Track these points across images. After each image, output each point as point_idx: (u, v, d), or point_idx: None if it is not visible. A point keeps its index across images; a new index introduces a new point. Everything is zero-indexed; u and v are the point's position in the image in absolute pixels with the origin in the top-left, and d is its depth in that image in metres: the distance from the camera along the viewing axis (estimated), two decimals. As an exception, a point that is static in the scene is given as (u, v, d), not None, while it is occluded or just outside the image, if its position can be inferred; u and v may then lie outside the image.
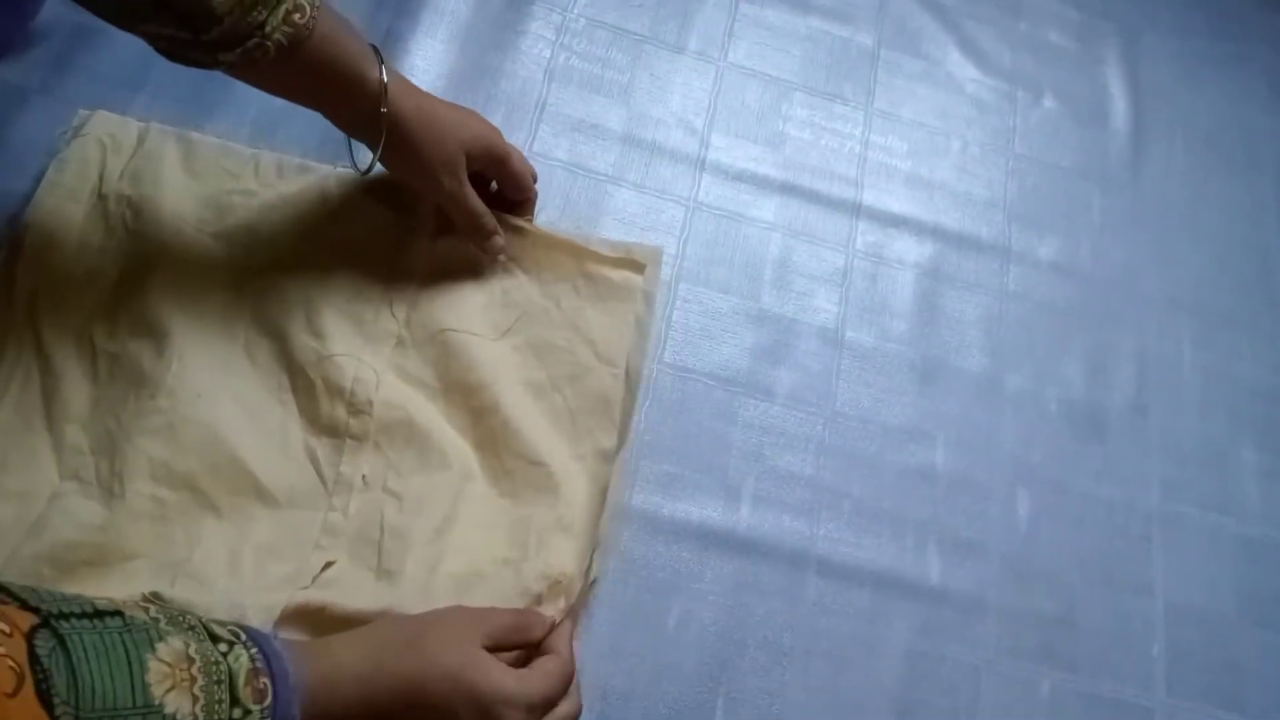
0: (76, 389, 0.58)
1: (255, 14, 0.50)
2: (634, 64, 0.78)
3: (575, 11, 0.79)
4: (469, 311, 0.65)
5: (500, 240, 0.66)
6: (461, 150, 0.62)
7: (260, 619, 0.51)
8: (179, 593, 0.51)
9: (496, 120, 0.73)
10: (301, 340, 0.62)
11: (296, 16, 0.52)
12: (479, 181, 0.65)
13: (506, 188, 0.68)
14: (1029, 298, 0.77)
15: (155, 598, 0.50)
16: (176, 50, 0.52)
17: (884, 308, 0.74)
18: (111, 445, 0.57)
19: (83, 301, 0.60)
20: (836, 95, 0.82)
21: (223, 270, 0.63)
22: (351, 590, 0.55)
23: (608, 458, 0.62)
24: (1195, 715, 0.66)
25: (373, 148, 0.60)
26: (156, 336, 0.60)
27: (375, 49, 0.58)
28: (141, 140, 0.66)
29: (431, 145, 0.60)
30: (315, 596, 0.54)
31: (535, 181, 0.69)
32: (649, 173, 0.75)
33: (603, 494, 0.61)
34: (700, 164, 0.76)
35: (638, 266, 0.68)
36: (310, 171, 0.67)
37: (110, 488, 0.56)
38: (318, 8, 0.53)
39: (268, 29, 0.51)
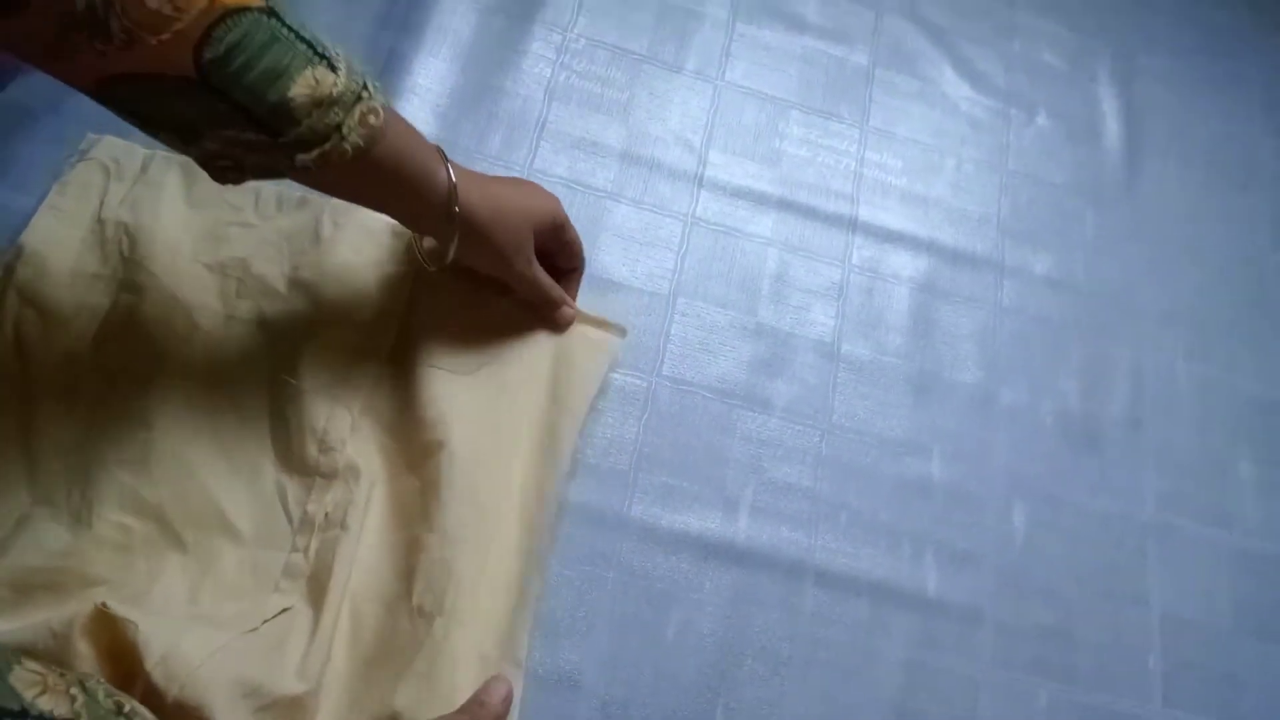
0: (56, 415, 0.58)
1: (333, 115, 0.50)
2: (633, 83, 0.80)
3: (575, 31, 0.80)
4: (443, 348, 0.65)
5: (570, 311, 0.68)
6: (529, 232, 0.63)
7: (196, 650, 0.50)
8: (134, 616, 0.50)
9: (497, 139, 0.74)
10: (282, 379, 0.62)
11: (371, 119, 0.52)
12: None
13: (561, 257, 0.69)
14: (1024, 312, 0.78)
15: (105, 607, 0.50)
16: (250, 158, 0.51)
17: (880, 322, 0.75)
18: (85, 473, 0.57)
19: (70, 328, 0.60)
20: (832, 114, 0.83)
21: (214, 303, 0.63)
22: (291, 640, 0.55)
23: (547, 505, 0.62)
24: (1192, 726, 0.66)
25: (445, 244, 0.60)
26: (141, 367, 0.60)
27: (439, 149, 0.59)
28: (145, 167, 0.66)
29: (503, 234, 0.62)
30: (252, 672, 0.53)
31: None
32: (647, 189, 0.76)
33: (533, 552, 0.61)
34: (698, 181, 0.77)
35: (619, 330, 0.69)
36: (308, 205, 0.68)
37: (79, 514, 0.56)
38: (389, 110, 0.54)
39: (344, 130, 0.51)
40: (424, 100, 0.74)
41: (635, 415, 0.68)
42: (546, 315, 0.67)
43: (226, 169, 0.52)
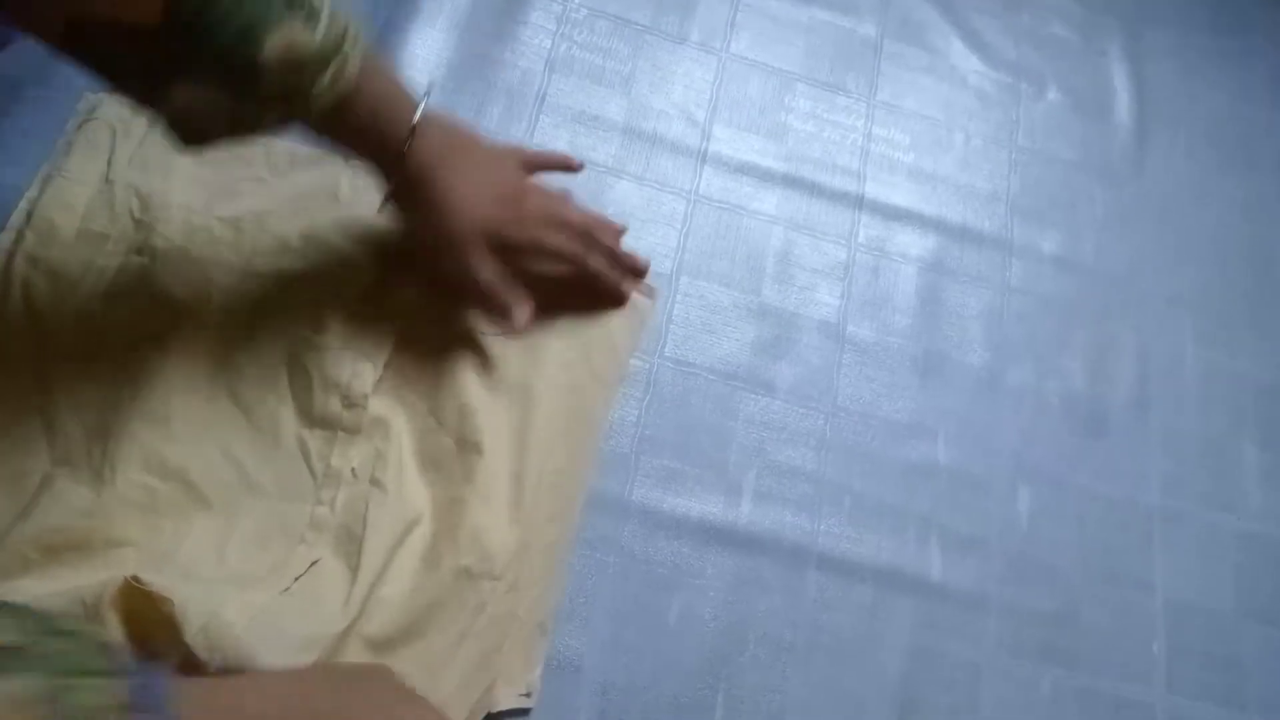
0: (72, 375, 0.58)
1: (304, 77, 0.49)
2: (635, 55, 0.78)
3: (576, 1, 0.78)
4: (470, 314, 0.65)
5: (520, 317, 0.61)
6: (476, 229, 0.59)
7: (237, 616, 0.50)
8: (165, 580, 0.50)
9: (495, 112, 0.73)
10: (303, 333, 0.62)
11: (341, 84, 0.51)
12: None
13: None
14: (1031, 292, 0.77)
15: (137, 580, 0.49)
16: (213, 118, 0.50)
17: (886, 302, 0.74)
18: (105, 432, 0.56)
19: (80, 287, 0.60)
20: (839, 87, 0.81)
21: (228, 259, 0.63)
22: (326, 593, 0.55)
23: (580, 487, 0.63)
24: (1196, 711, 0.66)
25: (383, 193, 0.59)
26: (156, 324, 0.60)
27: (418, 107, 0.57)
28: (152, 125, 0.65)
29: (440, 217, 0.59)
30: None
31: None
32: (650, 165, 0.74)
33: (565, 523, 0.62)
34: (702, 156, 0.75)
35: (650, 291, 0.69)
36: (323, 164, 0.67)
37: (101, 473, 0.55)
38: (367, 61, 0.52)
39: (314, 92, 0.50)
40: (420, 72, 0.72)
41: (637, 397, 0.66)
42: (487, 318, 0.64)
43: (192, 130, 0.51)
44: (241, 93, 0.48)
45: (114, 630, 0.49)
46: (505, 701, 0.57)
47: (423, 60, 0.72)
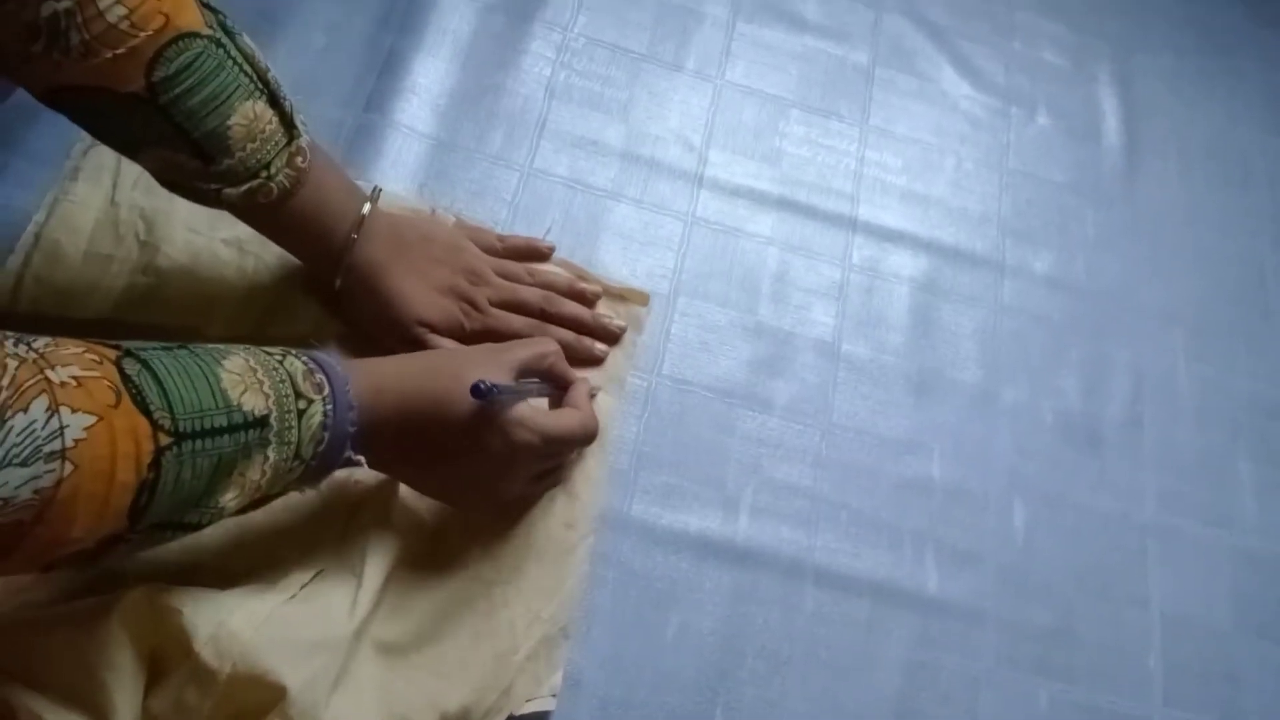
0: None
1: (265, 151, 0.53)
2: (633, 82, 0.79)
3: (575, 30, 0.80)
4: None
5: None
6: (419, 318, 0.61)
7: (244, 623, 0.51)
8: (171, 592, 0.50)
9: (497, 138, 0.74)
10: (310, 341, 0.62)
11: (299, 160, 0.55)
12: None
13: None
14: (1024, 311, 0.78)
15: (144, 593, 0.50)
16: (182, 179, 0.54)
17: (880, 321, 0.75)
18: None
19: (87, 308, 0.61)
20: (832, 112, 0.83)
21: (232, 279, 0.64)
22: (332, 599, 0.55)
23: (595, 494, 0.65)
24: (1192, 725, 0.66)
25: (329, 286, 0.61)
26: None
27: (369, 199, 0.60)
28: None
29: (386, 311, 0.61)
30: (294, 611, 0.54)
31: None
32: (647, 189, 0.76)
33: (582, 529, 0.63)
34: (698, 180, 0.77)
35: (642, 298, 0.71)
36: None
37: None
38: (315, 150, 0.57)
39: (273, 169, 0.54)
40: (424, 100, 0.74)
41: (635, 415, 0.67)
42: None
43: (166, 181, 0.55)
44: (209, 160, 0.52)
45: (121, 645, 0.49)
46: (532, 704, 0.57)
47: (425, 88, 0.74)
